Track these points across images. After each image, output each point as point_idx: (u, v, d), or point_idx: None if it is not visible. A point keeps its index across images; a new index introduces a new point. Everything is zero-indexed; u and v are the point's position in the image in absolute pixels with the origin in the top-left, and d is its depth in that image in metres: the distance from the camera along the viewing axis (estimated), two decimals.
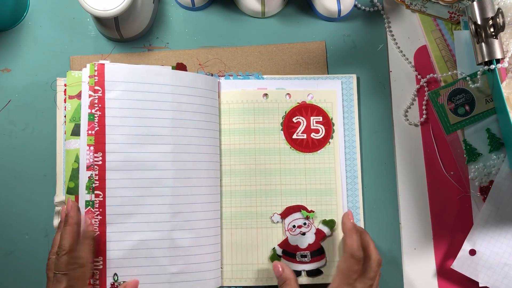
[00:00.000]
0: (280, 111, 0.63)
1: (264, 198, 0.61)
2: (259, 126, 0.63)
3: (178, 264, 0.57)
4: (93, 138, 0.57)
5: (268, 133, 0.63)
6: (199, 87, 0.61)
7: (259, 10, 0.67)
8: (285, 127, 0.63)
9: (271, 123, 0.63)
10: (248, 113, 0.63)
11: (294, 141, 0.62)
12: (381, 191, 0.65)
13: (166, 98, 0.59)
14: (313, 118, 0.63)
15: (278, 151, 0.62)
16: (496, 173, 0.62)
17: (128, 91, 0.58)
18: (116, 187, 0.57)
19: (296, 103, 0.63)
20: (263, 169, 0.62)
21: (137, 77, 0.58)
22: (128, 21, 0.63)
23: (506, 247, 0.61)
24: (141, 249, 0.57)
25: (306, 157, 0.62)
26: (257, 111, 0.63)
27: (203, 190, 0.59)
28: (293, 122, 0.63)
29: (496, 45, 0.59)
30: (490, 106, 0.63)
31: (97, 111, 0.57)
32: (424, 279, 0.63)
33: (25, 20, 0.68)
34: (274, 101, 0.63)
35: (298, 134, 0.63)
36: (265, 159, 0.62)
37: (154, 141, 0.58)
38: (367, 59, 0.68)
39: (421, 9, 0.67)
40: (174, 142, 0.59)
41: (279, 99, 0.63)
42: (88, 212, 0.56)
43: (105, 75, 0.58)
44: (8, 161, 0.65)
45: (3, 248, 0.63)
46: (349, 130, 0.64)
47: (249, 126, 0.63)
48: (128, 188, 0.57)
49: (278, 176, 0.62)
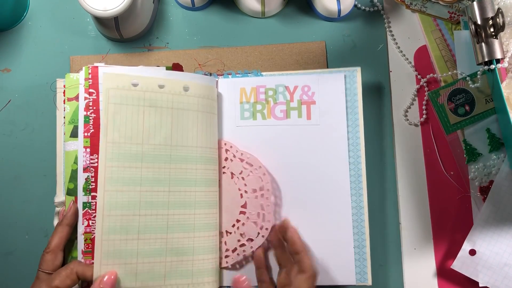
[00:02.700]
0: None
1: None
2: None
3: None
4: (89, 140, 0.57)
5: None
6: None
7: (259, 10, 0.67)
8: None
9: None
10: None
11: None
12: (381, 191, 0.65)
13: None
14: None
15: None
16: (496, 173, 0.62)
17: None
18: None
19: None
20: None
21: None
22: (128, 21, 0.63)
23: (506, 247, 0.61)
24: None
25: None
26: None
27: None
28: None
29: (496, 45, 0.59)
30: (490, 106, 0.63)
31: (91, 113, 0.57)
32: (424, 279, 0.63)
33: (25, 20, 0.68)
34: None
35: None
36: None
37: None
38: (367, 59, 0.68)
39: (421, 9, 0.67)
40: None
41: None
42: (85, 214, 0.56)
43: (98, 78, 0.58)
44: (8, 161, 0.65)
45: (3, 248, 0.63)
46: (353, 127, 0.62)
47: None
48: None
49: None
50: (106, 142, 0.56)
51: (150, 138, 0.58)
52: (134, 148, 0.57)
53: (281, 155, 0.63)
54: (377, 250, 0.64)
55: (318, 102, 0.63)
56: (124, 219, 0.56)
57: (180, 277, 0.58)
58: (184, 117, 0.59)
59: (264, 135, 0.63)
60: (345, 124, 0.63)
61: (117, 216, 0.56)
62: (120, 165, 0.56)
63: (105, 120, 0.57)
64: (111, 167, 0.56)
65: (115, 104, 0.57)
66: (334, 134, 0.62)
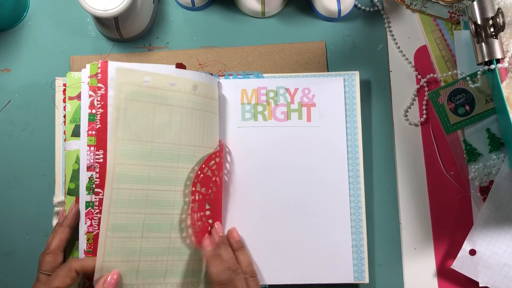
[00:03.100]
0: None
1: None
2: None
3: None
4: (94, 138, 0.57)
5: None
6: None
7: (259, 10, 0.67)
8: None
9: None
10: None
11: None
12: (381, 191, 0.65)
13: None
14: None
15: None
16: (496, 173, 0.62)
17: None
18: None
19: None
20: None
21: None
22: (128, 21, 0.63)
23: (506, 247, 0.61)
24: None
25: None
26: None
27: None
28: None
29: (496, 45, 0.59)
30: (490, 106, 0.63)
31: (99, 109, 0.57)
32: (424, 279, 0.63)
33: (25, 20, 0.68)
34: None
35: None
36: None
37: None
38: (367, 59, 0.68)
39: (421, 9, 0.67)
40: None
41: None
42: (88, 213, 0.56)
43: (108, 73, 0.57)
44: (8, 161, 0.65)
45: (3, 248, 0.63)
46: (351, 129, 0.63)
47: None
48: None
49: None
50: (115, 138, 0.56)
51: (160, 136, 0.57)
52: (143, 146, 0.57)
53: (281, 156, 0.63)
54: (377, 250, 0.64)
55: (318, 105, 0.63)
56: (129, 217, 0.56)
57: (180, 275, 0.58)
58: (192, 117, 0.59)
59: (265, 136, 0.63)
60: (344, 126, 0.63)
61: (123, 214, 0.56)
62: (129, 163, 0.56)
63: (115, 116, 0.56)
64: (120, 164, 0.56)
65: (127, 100, 0.56)
66: (333, 136, 0.63)
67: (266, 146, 0.63)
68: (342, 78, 0.64)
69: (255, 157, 0.63)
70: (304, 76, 0.64)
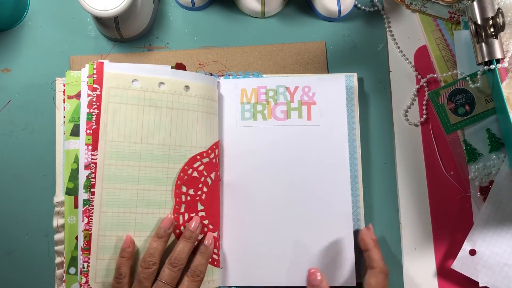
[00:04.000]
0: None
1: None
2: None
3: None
4: (91, 137, 0.57)
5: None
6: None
7: (259, 10, 0.67)
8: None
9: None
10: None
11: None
12: (381, 191, 0.65)
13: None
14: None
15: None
16: (496, 173, 0.62)
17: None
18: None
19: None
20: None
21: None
22: (128, 21, 0.63)
23: (506, 247, 0.61)
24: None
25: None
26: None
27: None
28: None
29: (496, 45, 0.59)
30: (490, 106, 0.63)
31: (95, 109, 0.57)
32: (424, 279, 0.63)
33: (25, 20, 0.68)
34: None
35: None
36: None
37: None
38: (367, 59, 0.68)
39: (421, 9, 0.67)
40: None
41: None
42: (85, 211, 0.56)
43: (103, 74, 0.58)
44: (8, 161, 0.65)
45: (3, 248, 0.63)
46: (350, 130, 0.63)
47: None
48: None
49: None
50: (105, 140, 0.57)
51: (149, 137, 0.58)
52: (133, 147, 0.57)
53: (282, 155, 0.63)
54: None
55: (319, 103, 0.63)
56: (120, 216, 0.56)
57: None
58: (183, 117, 0.59)
59: (265, 136, 0.63)
60: (345, 125, 0.63)
61: (114, 213, 0.56)
62: (119, 164, 0.57)
63: (104, 119, 0.57)
64: (109, 165, 0.57)
65: (115, 103, 0.57)
66: (334, 134, 0.63)
67: (265, 146, 0.63)
68: (344, 75, 0.64)
69: (255, 157, 0.63)
70: (304, 76, 0.64)
